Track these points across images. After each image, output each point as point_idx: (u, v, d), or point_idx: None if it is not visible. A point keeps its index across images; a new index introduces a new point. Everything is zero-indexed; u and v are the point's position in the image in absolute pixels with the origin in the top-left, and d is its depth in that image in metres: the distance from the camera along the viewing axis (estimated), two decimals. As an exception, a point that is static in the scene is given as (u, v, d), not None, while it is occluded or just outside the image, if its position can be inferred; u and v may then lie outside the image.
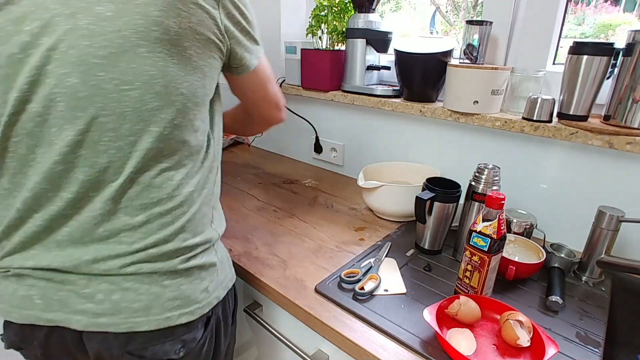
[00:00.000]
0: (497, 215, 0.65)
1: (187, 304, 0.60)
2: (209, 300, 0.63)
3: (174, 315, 0.59)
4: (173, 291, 0.59)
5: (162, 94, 0.54)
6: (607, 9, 1.06)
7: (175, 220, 0.59)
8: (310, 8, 1.32)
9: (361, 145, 1.28)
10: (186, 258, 0.60)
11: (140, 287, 0.57)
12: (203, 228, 0.63)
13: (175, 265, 0.59)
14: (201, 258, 0.62)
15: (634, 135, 0.76)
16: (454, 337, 0.61)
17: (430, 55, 1.00)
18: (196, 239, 0.61)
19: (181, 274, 0.60)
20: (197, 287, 0.62)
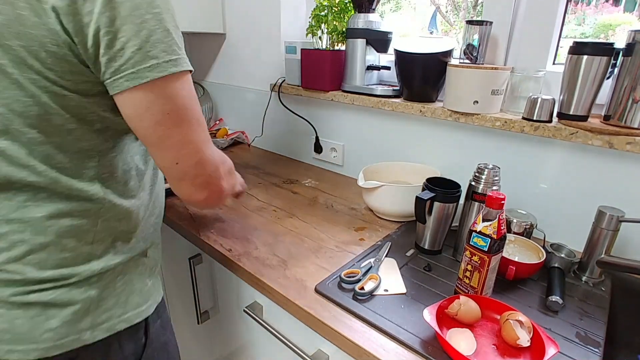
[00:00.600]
0: (497, 215, 0.65)
1: (19, 342, 0.52)
2: (58, 343, 0.54)
3: (2, 348, 0.52)
4: (3, 323, 0.52)
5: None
6: (607, 9, 1.06)
7: (11, 247, 0.52)
8: (310, 8, 1.32)
9: (361, 145, 1.28)
10: (24, 291, 0.52)
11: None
12: (62, 262, 0.54)
13: (5, 296, 0.52)
14: (51, 294, 0.53)
15: (634, 135, 0.76)
16: (454, 337, 0.61)
17: (430, 55, 1.00)
18: (45, 273, 0.53)
19: (18, 306, 0.52)
20: (37, 325, 0.52)
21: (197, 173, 0.57)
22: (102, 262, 0.57)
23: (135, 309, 0.61)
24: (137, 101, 0.50)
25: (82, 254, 0.56)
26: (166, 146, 0.54)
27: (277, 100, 1.40)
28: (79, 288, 0.55)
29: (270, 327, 0.80)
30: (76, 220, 0.55)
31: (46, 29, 0.44)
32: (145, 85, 0.48)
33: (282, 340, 0.77)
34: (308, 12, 1.39)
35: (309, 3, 1.41)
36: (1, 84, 0.46)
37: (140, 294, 0.62)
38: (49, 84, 0.48)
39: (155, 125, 0.51)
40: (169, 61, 0.49)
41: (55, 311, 0.54)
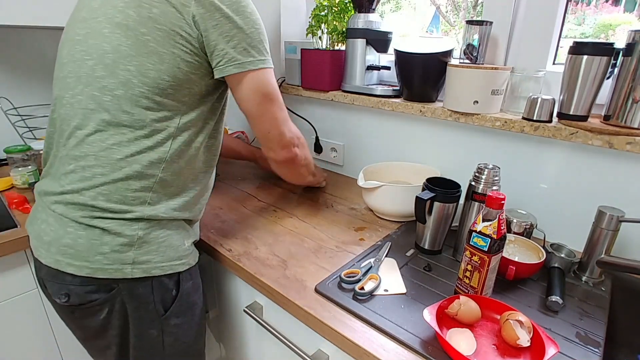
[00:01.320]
0: (497, 215, 0.65)
1: (77, 257, 0.65)
2: (104, 267, 0.65)
3: (63, 261, 0.65)
4: (70, 239, 0.65)
5: (109, 65, 0.65)
6: (607, 9, 1.06)
7: (93, 177, 0.65)
8: (310, 8, 1.32)
9: (361, 145, 1.28)
10: (92, 216, 0.65)
11: (53, 224, 0.66)
12: (124, 200, 0.66)
13: (78, 216, 0.65)
14: (109, 223, 0.65)
15: (634, 135, 0.76)
16: (454, 337, 0.61)
17: (430, 55, 1.00)
18: (108, 204, 0.65)
19: (83, 227, 0.65)
20: (93, 247, 0.65)
21: (280, 139, 0.80)
22: (153, 210, 0.69)
23: (170, 262, 0.71)
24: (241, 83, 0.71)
25: (140, 197, 0.68)
26: (264, 119, 0.76)
27: (277, 100, 1.40)
28: (130, 225, 0.67)
29: (270, 327, 0.80)
30: (144, 168, 0.67)
31: (185, 23, 0.65)
32: (246, 73, 0.70)
33: (282, 340, 0.77)
34: (308, 12, 1.39)
35: (309, 3, 1.41)
36: (140, 50, 0.65)
37: (177, 250, 0.73)
38: (172, 58, 0.66)
39: (257, 105, 0.74)
40: (261, 60, 0.72)
41: (109, 238, 0.65)
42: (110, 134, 0.65)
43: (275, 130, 0.78)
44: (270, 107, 0.76)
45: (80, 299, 0.67)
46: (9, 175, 1.12)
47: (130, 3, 0.65)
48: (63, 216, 0.66)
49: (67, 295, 0.67)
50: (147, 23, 0.64)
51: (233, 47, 0.68)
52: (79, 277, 0.65)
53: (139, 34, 0.64)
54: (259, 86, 0.72)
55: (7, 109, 1.29)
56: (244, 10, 0.69)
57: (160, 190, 0.70)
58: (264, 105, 0.74)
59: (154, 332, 0.73)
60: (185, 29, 0.66)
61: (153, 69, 0.65)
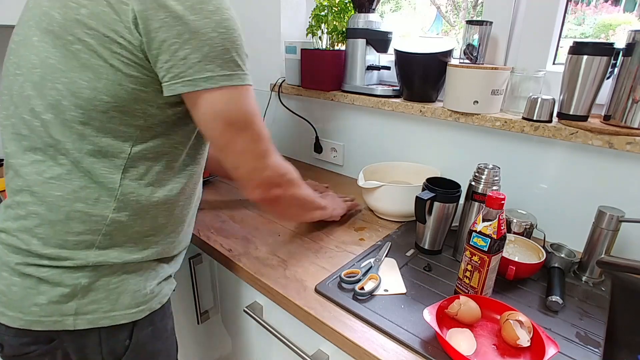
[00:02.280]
0: (497, 215, 0.65)
1: (10, 307, 0.56)
2: (40, 319, 0.56)
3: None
4: (4, 286, 0.57)
5: (37, 83, 0.54)
6: (607, 9, 1.06)
7: (27, 216, 0.56)
8: (310, 8, 1.32)
9: (361, 145, 1.28)
10: (26, 262, 0.56)
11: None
12: (64, 244, 0.56)
13: (10, 262, 0.57)
14: (45, 271, 0.56)
15: (634, 135, 0.76)
16: (454, 337, 0.61)
17: (430, 55, 1.00)
18: (45, 250, 0.56)
19: (18, 274, 0.56)
20: (27, 297, 0.56)
21: (252, 177, 0.64)
22: (101, 256, 0.58)
23: (123, 310, 0.60)
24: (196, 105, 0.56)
25: (85, 242, 0.57)
26: (229, 152, 0.60)
27: (277, 100, 1.40)
28: (71, 273, 0.57)
29: (270, 327, 0.80)
30: (88, 208, 0.57)
31: (124, 27, 0.51)
32: (200, 92, 0.54)
33: (282, 340, 0.77)
34: (308, 12, 1.39)
35: (309, 3, 1.41)
36: (70, 64, 0.53)
37: (133, 297, 0.61)
38: (111, 72, 0.53)
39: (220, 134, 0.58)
40: (222, 75, 0.55)
41: (46, 288, 0.56)
42: (48, 165, 0.55)
43: (245, 166, 0.62)
44: (238, 138, 0.59)
45: (15, 350, 0.59)
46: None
47: (55, 2, 0.53)
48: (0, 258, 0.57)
49: (0, 346, 0.59)
50: (74, 28, 0.51)
51: (183, 57, 0.52)
52: (12, 329, 0.57)
53: (67, 43, 0.52)
54: (221, 110, 0.56)
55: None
56: (203, 6, 0.52)
57: (114, 232, 0.58)
58: (228, 134, 0.58)
59: None
60: (124, 35, 0.51)
61: (87, 87, 0.52)
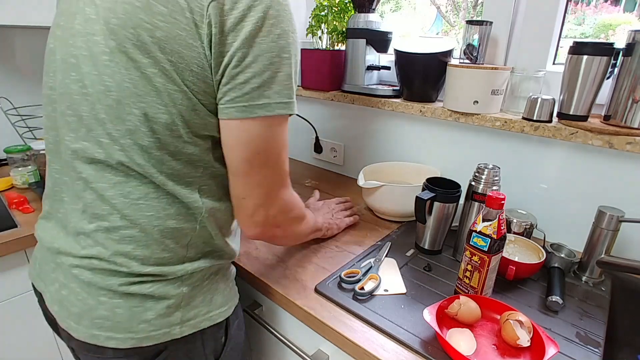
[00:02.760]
0: (497, 215, 0.65)
1: (118, 330, 0.56)
2: (150, 334, 0.57)
3: (101, 335, 0.56)
4: (106, 310, 0.55)
5: (112, 107, 0.52)
6: (607, 9, 1.06)
7: (121, 240, 0.55)
8: (310, 8, 1.32)
9: (361, 145, 1.28)
10: (129, 282, 0.56)
11: (80, 293, 0.56)
12: (161, 260, 0.57)
13: (112, 284, 0.56)
14: (150, 287, 0.57)
15: (634, 135, 0.76)
16: (454, 337, 0.61)
17: (430, 55, 1.00)
18: (145, 268, 0.56)
19: (120, 295, 0.56)
20: (135, 315, 0.56)
21: (256, 213, 0.60)
22: (194, 264, 0.61)
23: (219, 309, 0.64)
24: (238, 132, 0.54)
25: (178, 255, 0.59)
26: (242, 182, 0.58)
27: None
28: (173, 284, 0.59)
29: (270, 327, 0.80)
30: (178, 224, 0.57)
31: (197, 52, 0.49)
32: (252, 120, 0.53)
33: (282, 340, 0.77)
34: (308, 12, 1.39)
35: (309, 3, 1.41)
36: (145, 89, 0.51)
37: (223, 295, 0.65)
38: (185, 99, 0.52)
39: (242, 161, 0.56)
40: (279, 103, 0.53)
41: (152, 304, 0.57)
42: (132, 186, 0.54)
43: (254, 200, 0.59)
44: (260, 169, 0.57)
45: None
46: (9, 175, 1.12)
47: (127, 21, 0.49)
48: (91, 284, 0.56)
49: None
50: (150, 50, 0.49)
51: (242, 81, 0.51)
52: (122, 350, 0.57)
53: (142, 65, 0.50)
54: (258, 137, 0.54)
55: (7, 109, 1.29)
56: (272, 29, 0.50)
57: (198, 241, 0.61)
58: (251, 163, 0.56)
59: None
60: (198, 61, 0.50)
61: (165, 112, 0.51)
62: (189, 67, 0.50)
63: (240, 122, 0.53)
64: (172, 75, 0.50)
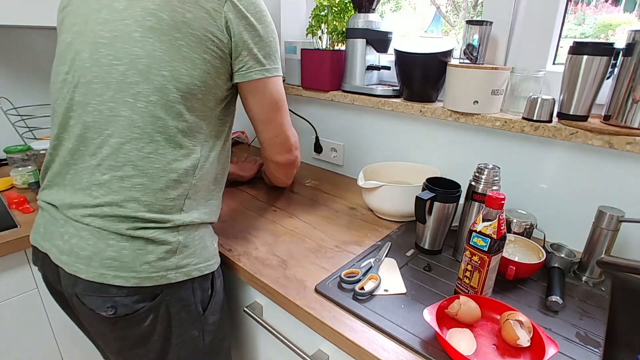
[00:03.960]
0: (497, 215, 0.65)
1: (123, 269, 0.64)
2: (151, 275, 0.65)
3: (109, 274, 0.64)
4: (114, 252, 0.64)
5: (143, 71, 0.64)
6: (607, 9, 1.06)
7: (132, 188, 0.65)
8: (310, 8, 1.32)
9: (361, 145, 1.28)
10: (135, 227, 0.64)
11: (91, 238, 0.64)
12: (163, 208, 0.67)
13: (121, 228, 0.64)
14: (152, 232, 0.66)
15: (634, 135, 0.76)
16: (454, 337, 0.61)
17: (430, 55, 1.00)
18: (150, 215, 0.65)
19: (127, 238, 0.64)
20: (138, 257, 0.64)
21: (285, 142, 0.88)
22: (190, 217, 0.70)
23: (206, 262, 0.73)
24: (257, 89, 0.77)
25: (177, 205, 0.69)
26: (272, 125, 0.83)
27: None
28: (172, 232, 0.68)
29: (270, 327, 0.80)
30: (179, 177, 0.68)
31: (217, 29, 0.68)
32: (264, 79, 0.76)
33: (282, 340, 0.77)
34: (308, 12, 1.39)
35: (309, 3, 1.41)
36: (174, 56, 0.65)
37: (209, 250, 0.75)
38: (203, 63, 0.68)
39: (268, 110, 0.80)
40: (276, 67, 0.78)
41: (153, 247, 0.66)
42: (146, 142, 0.65)
43: (282, 135, 0.85)
44: (279, 114, 0.82)
45: (128, 309, 0.66)
46: (9, 175, 1.12)
47: (164, 7, 0.65)
48: (102, 229, 0.64)
49: (113, 308, 0.65)
50: (181, 28, 0.65)
51: (255, 54, 0.73)
52: (125, 288, 0.64)
53: (173, 39, 0.65)
54: (273, 93, 0.78)
55: (7, 109, 1.29)
56: (265, 19, 0.75)
57: (192, 196, 0.71)
58: (274, 112, 0.81)
59: (195, 332, 0.74)
60: (218, 35, 0.68)
61: (187, 74, 0.66)
62: (210, 39, 0.68)
63: (260, 81, 0.76)
64: (196, 46, 0.66)
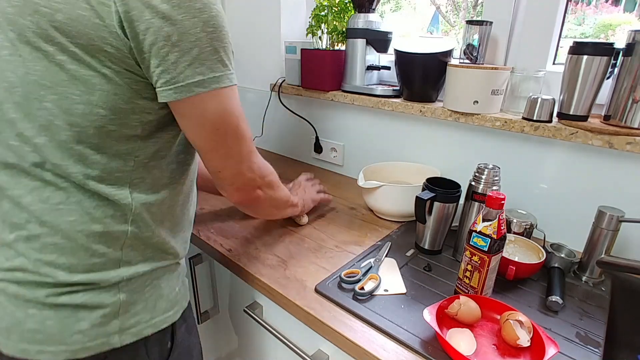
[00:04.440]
0: (497, 215, 0.65)
1: (49, 342, 0.53)
2: (86, 345, 0.54)
3: (32, 349, 0.53)
4: (35, 323, 0.52)
5: (20, 104, 0.49)
6: (607, 9, 1.06)
7: (42, 249, 0.52)
8: (310, 8, 1.32)
9: (361, 145, 1.28)
10: (57, 292, 0.53)
11: (8, 307, 0.53)
12: (91, 267, 0.54)
13: (39, 297, 0.52)
14: (82, 296, 0.54)
15: (634, 135, 0.76)
16: (454, 337, 0.61)
17: (430, 55, 1.00)
18: (74, 277, 0.53)
19: (49, 307, 0.53)
20: (67, 327, 0.53)
21: (235, 180, 0.64)
22: (131, 269, 0.57)
23: (163, 314, 0.61)
24: (190, 117, 0.54)
25: (112, 260, 0.56)
26: (212, 157, 0.59)
27: (277, 100, 1.40)
28: (108, 292, 0.55)
29: (270, 327, 0.80)
30: (106, 227, 0.54)
31: (106, 32, 0.46)
32: (193, 98, 0.51)
33: (282, 340, 0.77)
34: (308, 12, 1.39)
35: (309, 3, 1.41)
36: (55, 79, 0.47)
37: (168, 299, 0.62)
38: (104, 82, 0.49)
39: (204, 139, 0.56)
40: (214, 77, 0.52)
41: (85, 313, 0.54)
42: (51, 191, 0.51)
43: (229, 169, 0.62)
44: (224, 142, 0.58)
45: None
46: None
47: (24, 8, 0.45)
48: (18, 297, 0.53)
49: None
50: (54, 37, 0.46)
51: (174, 61, 0.49)
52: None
53: (48, 54, 0.46)
54: (209, 114, 0.54)
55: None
56: (190, 3, 0.48)
57: (136, 245, 0.57)
58: (214, 138, 0.57)
59: None
60: (111, 41, 0.47)
61: (80, 101, 0.48)
62: (102, 48, 0.47)
63: (184, 102, 0.52)
64: (84, 59, 0.47)
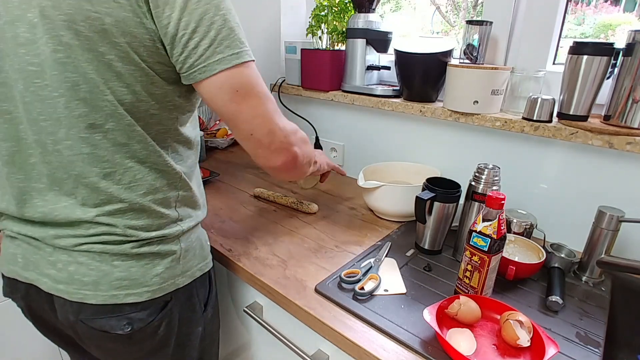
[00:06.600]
0: (497, 215, 0.65)
1: (135, 286, 0.64)
2: (162, 285, 0.66)
3: (120, 294, 0.63)
4: (122, 272, 0.63)
5: (87, 100, 0.55)
6: (607, 9, 1.06)
7: (123, 216, 0.62)
8: (310, 8, 1.32)
9: (361, 145, 1.28)
10: (138, 244, 0.64)
11: (92, 263, 0.62)
12: (158, 226, 0.65)
13: (125, 249, 0.63)
14: (156, 246, 0.65)
15: (634, 135, 0.76)
16: (454, 337, 0.61)
17: (430, 55, 1.00)
18: (151, 234, 0.64)
19: (132, 257, 0.63)
20: (148, 271, 0.64)
21: (270, 140, 0.64)
22: (185, 224, 0.69)
23: (204, 261, 0.75)
24: (211, 88, 0.59)
25: (172, 218, 0.67)
26: (240, 120, 0.61)
27: (277, 100, 1.40)
28: (174, 242, 0.68)
29: (270, 327, 0.80)
30: (165, 194, 0.65)
31: (145, 28, 0.54)
32: (215, 75, 0.57)
33: (282, 340, 0.77)
34: (308, 12, 1.39)
35: (309, 3, 1.41)
36: (107, 75, 0.55)
37: (204, 248, 0.76)
38: (143, 75, 0.57)
39: (228, 103, 0.60)
40: (232, 54, 0.58)
41: (159, 260, 0.66)
42: (120, 173, 0.60)
43: (259, 130, 0.62)
44: (245, 103, 0.60)
45: (143, 322, 0.66)
46: None
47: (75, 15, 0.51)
48: (104, 253, 0.62)
49: (129, 325, 0.65)
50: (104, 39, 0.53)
51: (194, 47, 0.55)
52: (139, 304, 0.64)
53: (99, 55, 0.53)
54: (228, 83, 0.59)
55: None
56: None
57: (184, 205, 0.70)
58: (237, 99, 0.59)
59: (199, 329, 0.76)
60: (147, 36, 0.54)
61: (128, 92, 0.57)
62: (143, 43, 0.54)
63: (207, 81, 0.58)
64: (129, 55, 0.54)
